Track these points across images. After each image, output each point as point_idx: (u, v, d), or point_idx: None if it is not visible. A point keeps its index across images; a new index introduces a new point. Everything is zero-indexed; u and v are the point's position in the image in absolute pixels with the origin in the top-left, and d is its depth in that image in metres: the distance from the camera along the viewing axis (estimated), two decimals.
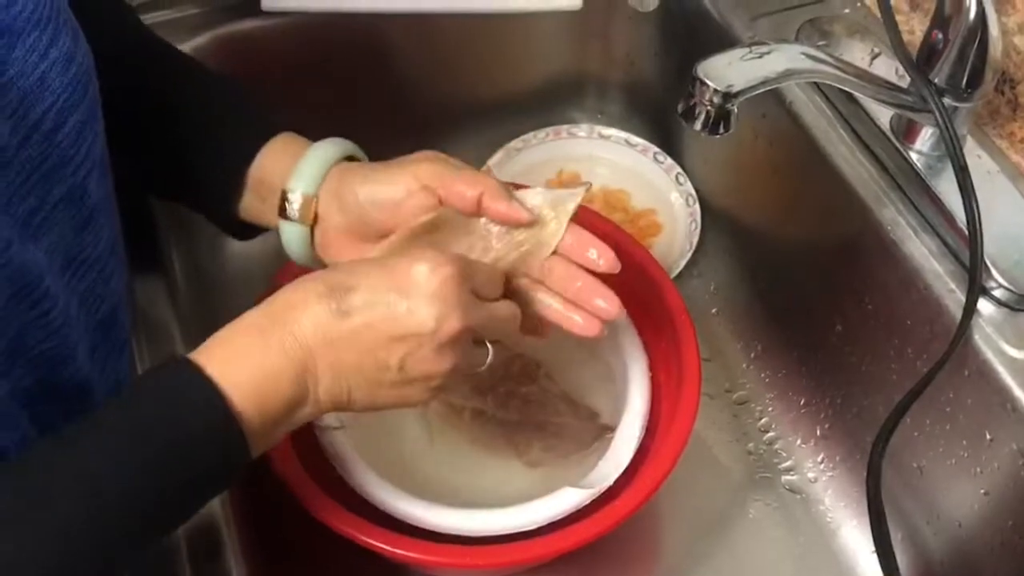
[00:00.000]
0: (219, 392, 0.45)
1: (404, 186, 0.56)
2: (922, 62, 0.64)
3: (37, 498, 0.41)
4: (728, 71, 0.57)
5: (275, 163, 0.59)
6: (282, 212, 0.58)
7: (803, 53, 0.60)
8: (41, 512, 0.41)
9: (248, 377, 0.46)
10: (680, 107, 0.58)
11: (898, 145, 0.69)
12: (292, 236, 0.59)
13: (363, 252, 0.58)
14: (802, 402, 0.79)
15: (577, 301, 0.57)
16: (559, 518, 0.61)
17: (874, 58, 0.74)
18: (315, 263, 0.60)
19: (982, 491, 0.64)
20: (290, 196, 0.57)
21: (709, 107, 0.57)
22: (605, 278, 0.71)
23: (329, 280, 0.49)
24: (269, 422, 0.47)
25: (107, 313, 0.53)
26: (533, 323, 0.57)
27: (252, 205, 0.60)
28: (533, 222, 0.56)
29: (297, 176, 0.57)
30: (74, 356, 0.49)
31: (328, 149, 0.59)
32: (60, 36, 0.45)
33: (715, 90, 0.56)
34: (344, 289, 0.48)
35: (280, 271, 0.69)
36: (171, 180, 0.63)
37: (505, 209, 0.55)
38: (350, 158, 0.60)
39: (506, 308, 0.54)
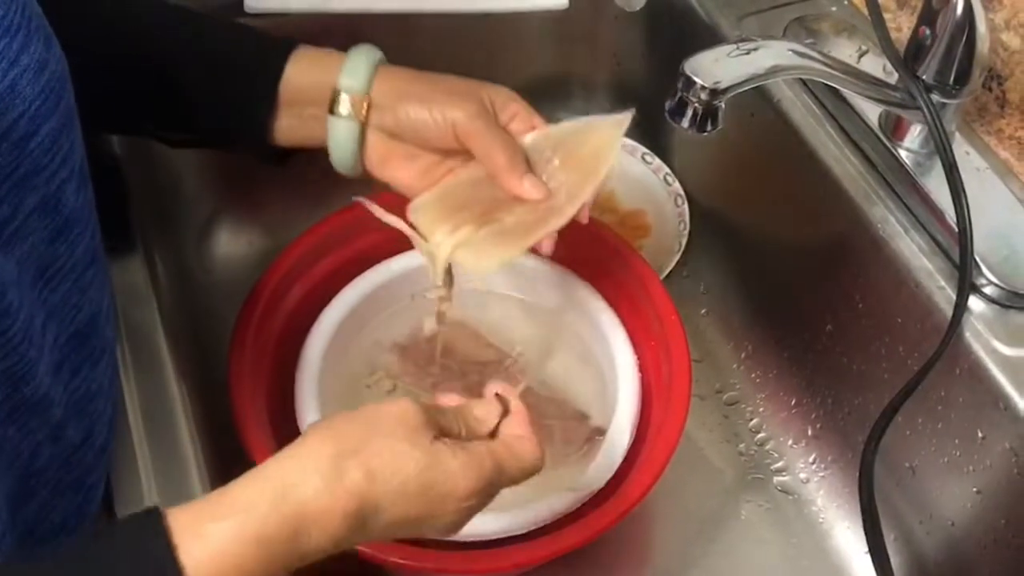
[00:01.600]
0: None
1: (438, 132, 0.59)
2: (910, 59, 0.64)
3: None
4: (715, 67, 0.56)
5: (305, 75, 0.61)
6: (332, 110, 0.60)
7: (791, 49, 0.60)
8: None
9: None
10: (668, 104, 0.58)
11: (887, 142, 0.69)
12: (341, 136, 0.61)
13: (408, 169, 0.61)
14: (793, 402, 0.78)
15: None
16: (550, 521, 0.60)
17: (862, 55, 0.74)
18: (356, 173, 0.62)
19: (975, 490, 0.64)
20: (342, 94, 0.60)
21: (697, 104, 0.56)
22: (599, 283, 0.71)
23: (365, 495, 0.43)
24: None
25: (84, 323, 0.52)
26: None
27: (289, 124, 0.62)
28: (543, 200, 0.59)
29: (347, 74, 0.60)
30: (33, 374, 0.47)
31: (369, 52, 0.61)
32: (31, 43, 0.44)
33: (703, 86, 0.56)
34: (375, 511, 0.43)
35: (267, 271, 0.69)
36: (196, 124, 0.63)
37: (516, 187, 0.58)
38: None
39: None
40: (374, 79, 0.60)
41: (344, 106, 0.60)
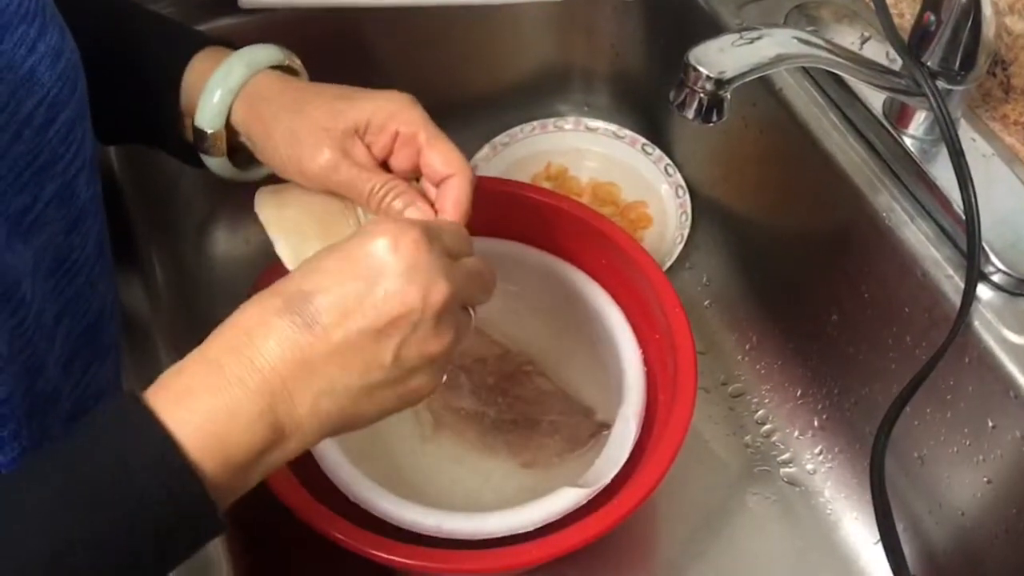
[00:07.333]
0: (172, 443, 0.39)
1: (297, 175, 0.55)
2: (914, 45, 0.63)
3: None
4: (720, 57, 0.56)
5: (197, 81, 0.56)
6: (198, 145, 0.56)
7: (795, 37, 0.59)
8: None
9: (204, 421, 0.39)
10: (672, 96, 0.57)
11: (891, 130, 0.68)
12: (215, 166, 0.58)
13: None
14: (799, 393, 0.78)
15: None
16: (556, 519, 0.60)
17: (864, 42, 0.73)
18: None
19: (985, 479, 0.64)
20: (197, 130, 0.56)
21: (702, 94, 0.55)
22: (601, 276, 0.70)
23: (284, 290, 0.43)
24: (237, 469, 0.40)
25: (93, 319, 0.52)
26: None
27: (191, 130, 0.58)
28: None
29: (200, 109, 0.55)
30: (44, 366, 0.47)
31: (230, 71, 0.55)
32: (48, 30, 0.45)
33: (708, 77, 0.55)
34: (302, 297, 0.42)
35: (264, 272, 0.68)
36: (118, 119, 0.60)
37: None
38: (284, 68, 0.58)
39: (478, 263, 0.48)
40: (234, 106, 0.55)
41: (202, 141, 0.56)
